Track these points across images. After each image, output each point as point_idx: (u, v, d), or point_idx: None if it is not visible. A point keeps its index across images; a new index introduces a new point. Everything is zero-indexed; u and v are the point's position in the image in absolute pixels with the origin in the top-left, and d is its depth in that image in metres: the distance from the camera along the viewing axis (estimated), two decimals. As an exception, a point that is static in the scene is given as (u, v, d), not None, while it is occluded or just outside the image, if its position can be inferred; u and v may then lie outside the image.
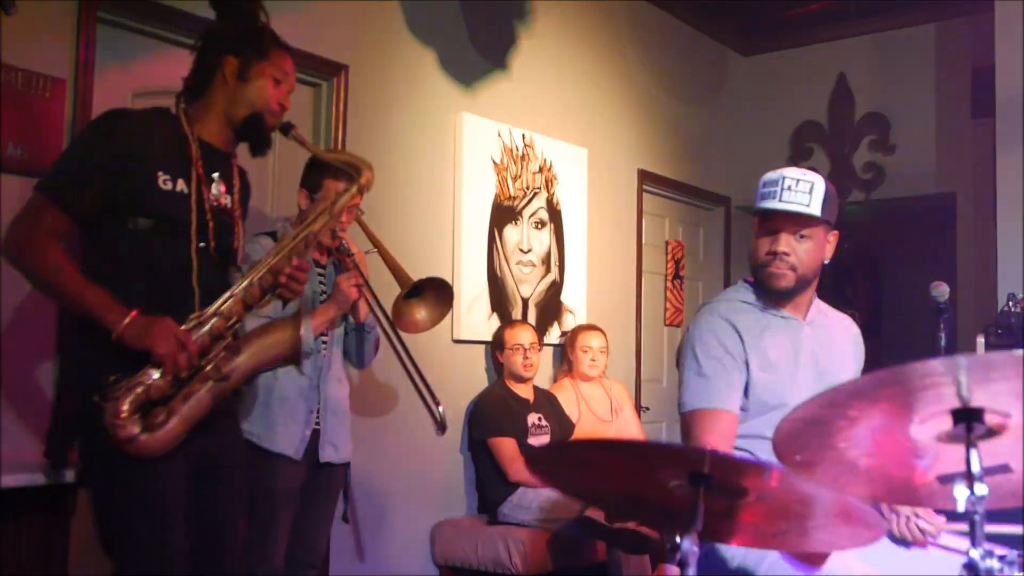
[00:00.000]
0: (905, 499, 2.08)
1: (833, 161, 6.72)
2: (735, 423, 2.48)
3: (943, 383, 1.47)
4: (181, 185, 2.38)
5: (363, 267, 3.25)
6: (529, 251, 5.22)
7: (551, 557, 4.29)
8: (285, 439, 3.18)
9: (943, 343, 3.08)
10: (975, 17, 5.77)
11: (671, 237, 6.62)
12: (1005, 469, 1.58)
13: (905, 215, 6.43)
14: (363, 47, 4.39)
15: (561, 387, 5.03)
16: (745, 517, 1.75)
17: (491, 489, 4.53)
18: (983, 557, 1.52)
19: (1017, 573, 1.54)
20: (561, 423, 4.74)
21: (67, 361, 2.36)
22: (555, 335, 5.33)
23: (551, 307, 5.34)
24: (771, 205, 2.50)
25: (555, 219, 5.39)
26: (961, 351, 3.32)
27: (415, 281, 3.26)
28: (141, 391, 2.21)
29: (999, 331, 4.58)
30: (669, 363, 6.37)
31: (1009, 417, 1.52)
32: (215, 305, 2.33)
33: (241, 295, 2.37)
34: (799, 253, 2.52)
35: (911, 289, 5.27)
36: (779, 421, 1.61)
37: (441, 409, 3.26)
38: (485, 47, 5.03)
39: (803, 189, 2.49)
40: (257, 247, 3.08)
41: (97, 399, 2.20)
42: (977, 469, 1.52)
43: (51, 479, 2.88)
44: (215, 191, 2.46)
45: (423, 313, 3.32)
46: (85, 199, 2.30)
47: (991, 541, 1.58)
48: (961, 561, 1.54)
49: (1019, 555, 1.57)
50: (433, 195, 4.74)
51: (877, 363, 1.47)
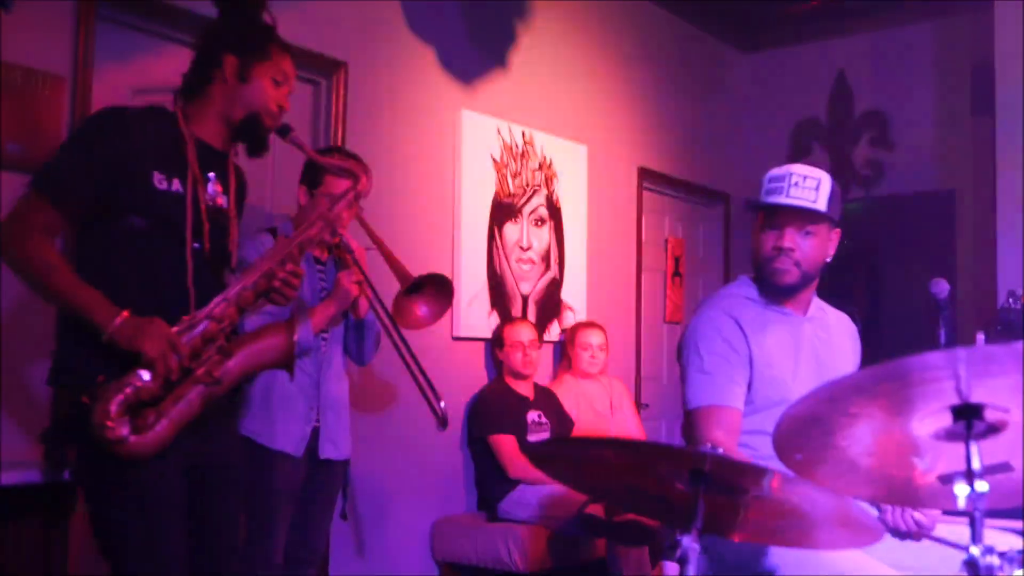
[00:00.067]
0: (906, 499, 2.08)
1: (832, 158, 6.71)
2: (740, 419, 2.48)
3: (942, 378, 1.47)
4: (176, 185, 2.35)
5: (363, 264, 3.25)
6: (529, 248, 5.22)
7: (551, 554, 4.29)
8: (285, 436, 3.17)
9: (943, 340, 3.07)
10: (975, 14, 5.76)
11: (671, 234, 6.61)
12: (1006, 468, 1.57)
13: (905, 212, 6.42)
14: (363, 44, 4.39)
15: (561, 384, 5.02)
16: (745, 513, 1.75)
17: (491, 486, 4.53)
18: (983, 554, 1.52)
19: (1018, 570, 1.53)
20: (561, 420, 4.74)
21: (58, 361, 2.32)
22: (555, 332, 5.33)
23: (551, 304, 5.34)
24: (778, 200, 2.49)
25: (555, 216, 5.39)
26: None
27: (415, 277, 3.26)
28: (131, 392, 2.18)
29: (999, 328, 4.59)
30: (669, 360, 6.37)
31: (1009, 412, 1.52)
32: (207, 308, 2.31)
33: (234, 298, 2.34)
34: (804, 249, 2.52)
35: (911, 286, 5.27)
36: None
37: (443, 404, 3.25)
38: (485, 44, 5.03)
39: (810, 185, 2.48)
40: (257, 244, 3.08)
41: (86, 399, 2.17)
42: (977, 466, 1.52)
43: (48, 478, 2.88)
44: (211, 191, 2.43)
45: (424, 309, 3.32)
46: (79, 197, 2.27)
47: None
48: (956, 553, 1.54)
49: (1019, 552, 1.57)
50: (433, 192, 4.74)
51: (877, 360, 1.46)
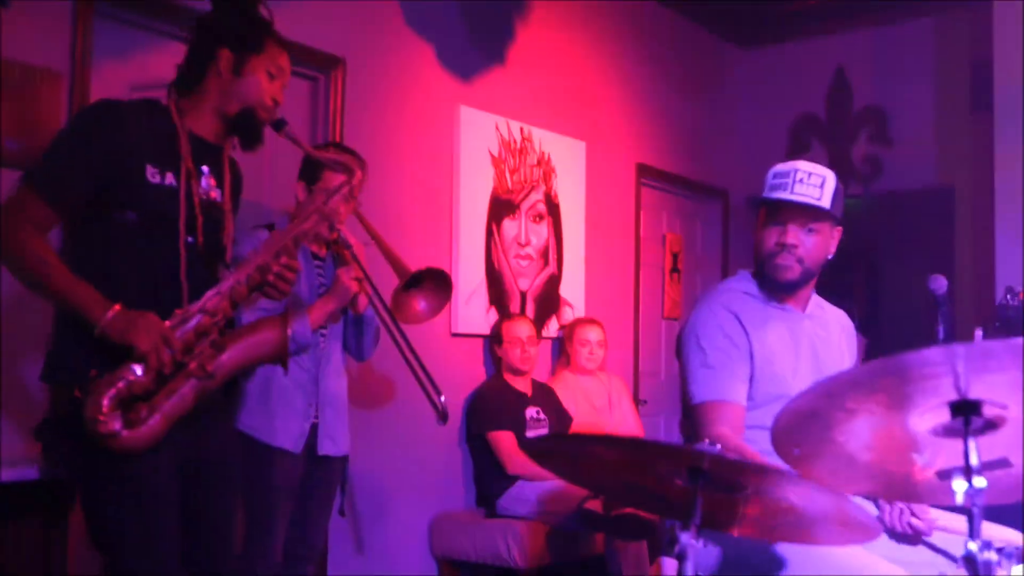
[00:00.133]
0: (904, 495, 2.08)
1: (831, 154, 6.70)
2: (743, 414, 2.48)
3: (941, 374, 1.47)
4: (170, 178, 2.33)
5: (361, 259, 3.25)
6: (527, 244, 5.22)
7: (549, 550, 4.30)
8: (284, 433, 3.17)
9: (941, 336, 3.08)
10: (974, 11, 5.76)
11: (669, 230, 6.61)
12: (1005, 464, 1.58)
13: (903, 209, 6.42)
14: (360, 41, 4.38)
15: (559, 380, 5.02)
16: (744, 509, 1.75)
17: (489, 482, 4.53)
18: (981, 550, 1.52)
19: (1016, 566, 1.54)
20: (559, 416, 4.74)
21: (52, 357, 2.31)
22: (553, 328, 5.33)
23: (549, 300, 5.34)
24: (783, 196, 2.48)
25: (553, 212, 5.39)
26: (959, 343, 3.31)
27: (413, 272, 3.25)
28: (123, 387, 2.17)
29: (997, 324, 4.59)
30: (667, 356, 6.37)
31: (1007, 409, 1.52)
32: (200, 301, 2.29)
33: (228, 292, 2.33)
34: (807, 246, 2.52)
35: (909, 283, 5.26)
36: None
37: (443, 399, 3.25)
38: (483, 40, 5.02)
39: (815, 183, 2.48)
40: (254, 240, 3.08)
41: (78, 393, 2.16)
42: (975, 461, 1.52)
43: (46, 475, 2.86)
44: (205, 185, 2.41)
45: (422, 304, 3.31)
46: (71, 192, 2.26)
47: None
48: (948, 565, 1.53)
49: (1017, 548, 1.57)
50: (431, 189, 4.74)
51: (875, 356, 1.47)
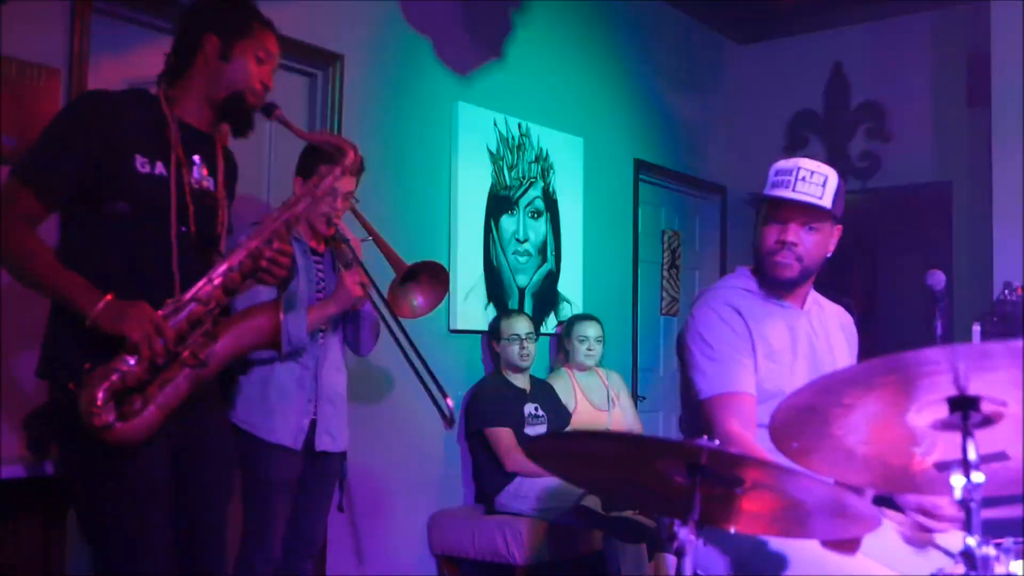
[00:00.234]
0: (903, 487, 2.08)
1: (829, 150, 6.70)
2: (754, 405, 2.46)
3: (940, 371, 1.47)
4: (160, 168, 2.31)
5: (358, 253, 3.24)
6: (525, 241, 5.22)
7: (548, 547, 4.30)
8: (283, 429, 3.16)
9: (939, 332, 3.08)
10: (971, 5, 5.76)
11: (667, 226, 6.61)
12: (1003, 457, 1.58)
13: (901, 204, 6.42)
14: (358, 37, 4.37)
15: (558, 377, 5.02)
16: (743, 504, 1.75)
17: (488, 479, 4.53)
18: (979, 544, 1.52)
19: (1015, 562, 1.54)
20: (558, 413, 4.74)
21: (46, 352, 2.30)
22: (551, 325, 5.33)
23: (547, 297, 5.34)
24: (784, 194, 2.48)
25: (551, 208, 5.39)
26: (957, 339, 3.32)
27: (409, 265, 3.24)
28: (117, 378, 2.15)
29: (995, 319, 4.60)
30: (666, 352, 6.37)
31: (1006, 405, 1.53)
32: (192, 290, 2.27)
33: (220, 280, 2.30)
34: (807, 244, 2.51)
35: (907, 277, 5.28)
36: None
37: (450, 403, 3.21)
38: (481, 36, 5.02)
39: (817, 181, 2.47)
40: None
41: (72, 387, 2.15)
42: (973, 457, 1.52)
43: (32, 470, 2.85)
44: (196, 174, 2.39)
45: (420, 298, 3.30)
46: (59, 183, 2.24)
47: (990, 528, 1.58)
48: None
49: (1015, 542, 1.58)
50: (429, 185, 4.73)
51: (873, 351, 1.47)
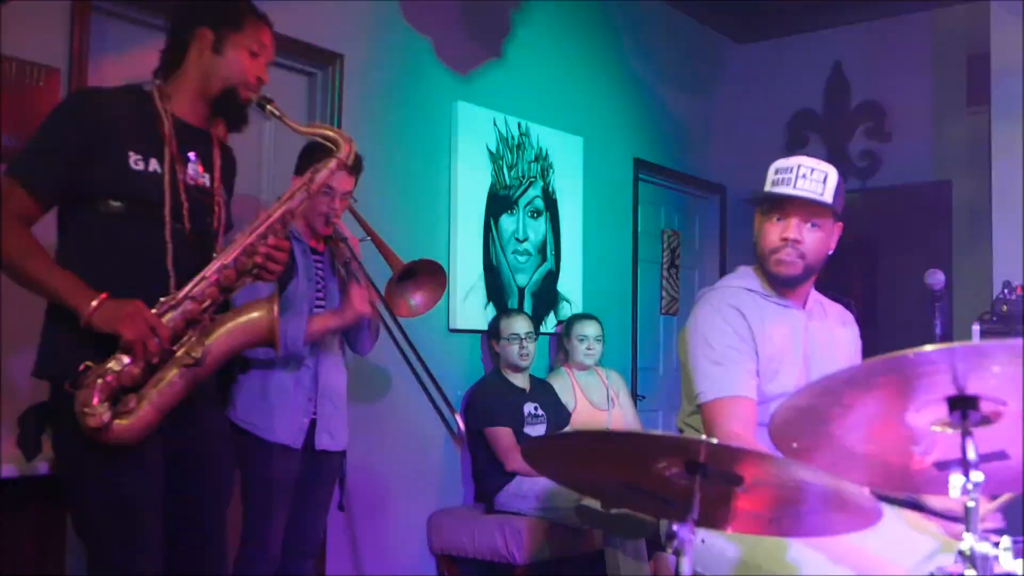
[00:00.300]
0: (902, 486, 2.08)
1: (829, 150, 6.70)
2: (755, 410, 2.45)
3: (939, 371, 1.48)
4: (154, 165, 2.29)
5: (356, 251, 3.24)
6: (525, 240, 5.22)
7: (548, 546, 4.30)
8: (283, 429, 3.15)
9: (939, 331, 3.08)
10: (971, 4, 5.76)
11: (667, 226, 6.61)
12: (1002, 456, 1.58)
13: (901, 203, 6.43)
14: (358, 36, 4.37)
15: (557, 376, 5.02)
16: (741, 504, 1.75)
17: (488, 478, 4.53)
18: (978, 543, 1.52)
19: (1014, 560, 1.54)
20: (557, 412, 4.74)
21: (43, 352, 2.29)
22: (551, 324, 5.33)
23: (547, 296, 5.34)
24: (786, 191, 2.47)
25: (551, 208, 5.39)
26: (956, 338, 3.32)
27: (406, 264, 3.24)
28: (112, 378, 2.13)
29: (994, 318, 4.60)
30: (665, 352, 6.38)
31: (1005, 404, 1.53)
32: (186, 288, 2.25)
33: (215, 277, 2.28)
34: (809, 241, 2.50)
35: (907, 277, 5.27)
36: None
37: (459, 419, 3.17)
38: (480, 36, 5.02)
39: (817, 178, 2.47)
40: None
41: (68, 387, 2.14)
42: (972, 456, 1.52)
43: (23, 469, 2.84)
44: (191, 170, 2.37)
45: (418, 297, 3.30)
46: (52, 181, 2.23)
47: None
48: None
49: (1014, 541, 1.58)
50: (428, 184, 4.73)
51: (873, 351, 1.47)
